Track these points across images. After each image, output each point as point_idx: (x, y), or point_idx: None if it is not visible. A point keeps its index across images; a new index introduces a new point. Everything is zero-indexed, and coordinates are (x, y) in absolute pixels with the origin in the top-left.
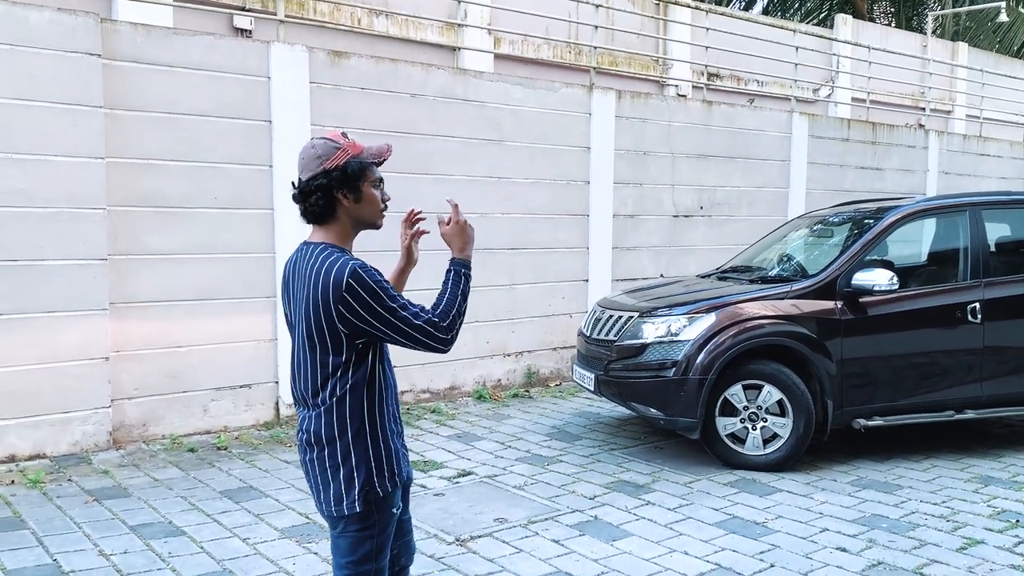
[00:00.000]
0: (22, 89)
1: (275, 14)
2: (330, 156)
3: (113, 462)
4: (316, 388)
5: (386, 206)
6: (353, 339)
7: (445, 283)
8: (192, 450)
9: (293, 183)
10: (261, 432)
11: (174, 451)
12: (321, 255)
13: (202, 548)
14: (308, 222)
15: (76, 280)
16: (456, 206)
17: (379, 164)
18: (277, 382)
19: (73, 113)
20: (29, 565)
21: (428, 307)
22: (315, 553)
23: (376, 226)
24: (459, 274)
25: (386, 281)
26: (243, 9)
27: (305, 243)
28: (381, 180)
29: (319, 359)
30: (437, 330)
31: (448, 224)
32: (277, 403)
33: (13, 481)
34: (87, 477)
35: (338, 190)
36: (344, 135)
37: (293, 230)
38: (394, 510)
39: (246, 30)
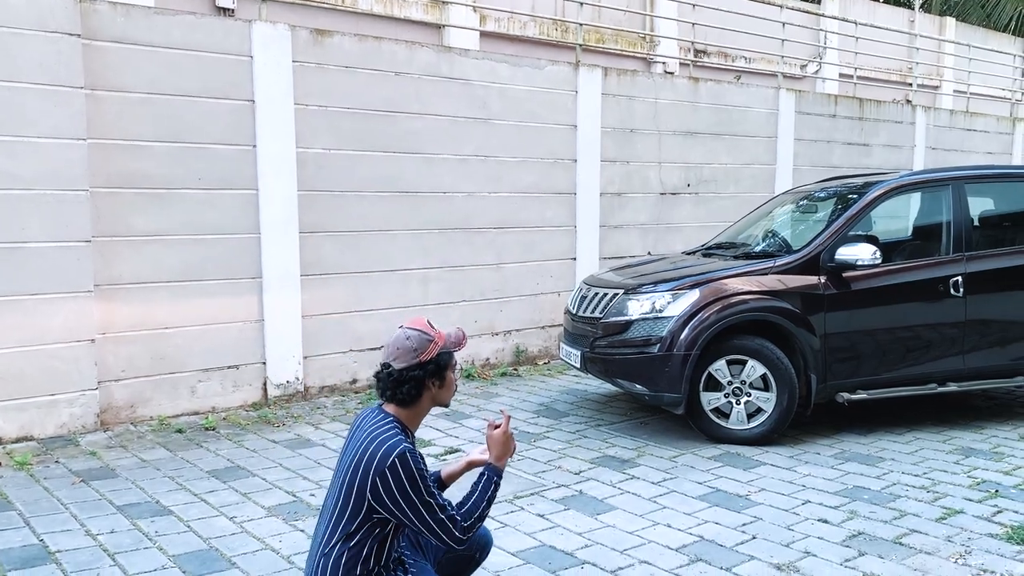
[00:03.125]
0: (2, 70)
1: None
2: (424, 349)
3: (100, 443)
4: (329, 541)
5: (457, 388)
6: (373, 512)
7: (476, 485)
8: (180, 431)
9: (384, 367)
10: (249, 412)
11: (162, 432)
12: (385, 425)
13: (189, 527)
14: (390, 403)
15: (60, 262)
16: (508, 417)
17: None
18: (264, 363)
19: (54, 94)
20: (15, 546)
21: (453, 503)
22: (301, 531)
23: (447, 406)
24: (491, 481)
25: (427, 471)
26: None
27: (381, 409)
28: (457, 364)
29: (338, 516)
30: (456, 528)
31: (496, 429)
32: (265, 384)
33: (0, 463)
34: (74, 459)
35: (429, 378)
36: (430, 324)
37: (278, 210)
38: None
39: (228, 9)
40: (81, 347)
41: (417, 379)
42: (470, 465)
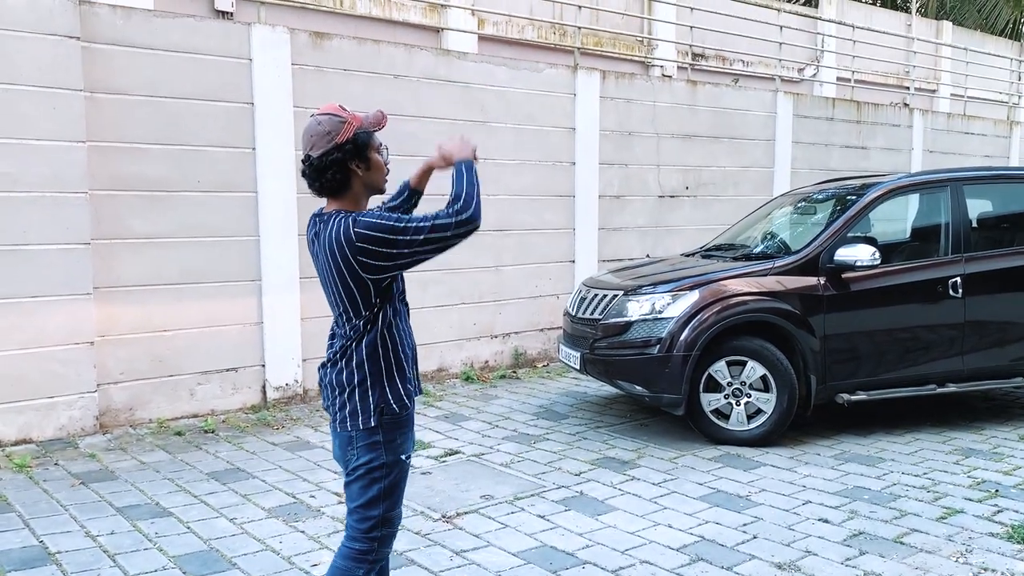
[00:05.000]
0: (1, 73)
1: None
2: (339, 131)
3: (100, 446)
4: (349, 336)
5: (388, 169)
6: (378, 287)
7: (453, 179)
8: (179, 433)
9: (304, 160)
10: (248, 415)
11: (161, 435)
12: (334, 220)
13: (189, 528)
14: (323, 196)
15: (60, 264)
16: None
17: (378, 131)
18: (263, 365)
19: (53, 96)
20: (15, 547)
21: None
22: (301, 532)
23: (382, 190)
24: (464, 166)
25: (383, 210)
26: None
27: (321, 212)
28: (383, 145)
29: (348, 316)
30: (450, 217)
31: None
32: (264, 386)
33: None
34: (73, 461)
35: (351, 161)
36: (343, 107)
37: (277, 213)
38: (403, 457)
39: (227, 12)
40: (80, 349)
41: (338, 162)
42: (429, 166)
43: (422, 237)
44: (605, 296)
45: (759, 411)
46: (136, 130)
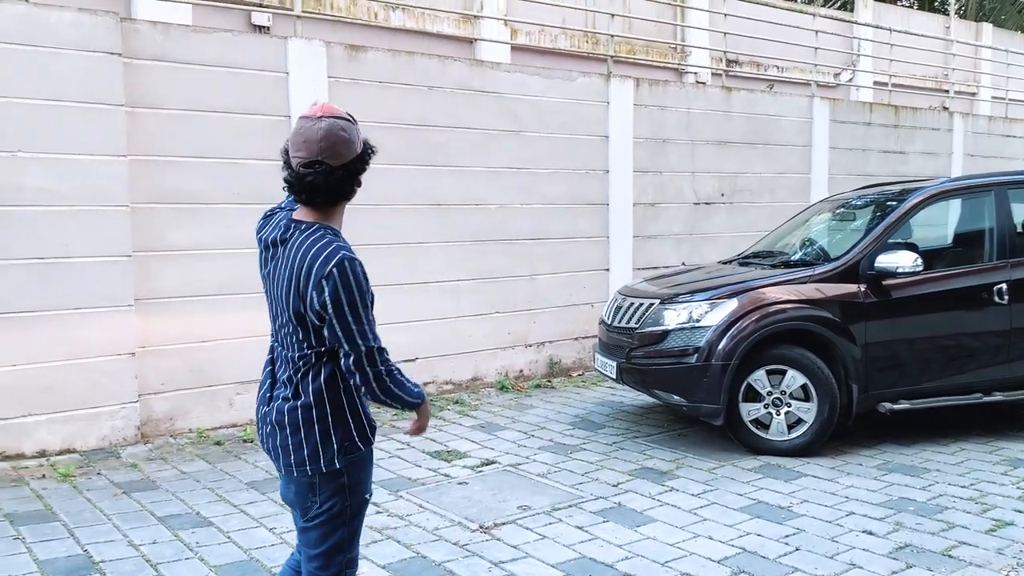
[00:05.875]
0: (45, 89)
1: (292, 10)
2: (359, 139)
3: (141, 456)
4: (298, 366)
5: None
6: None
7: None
8: (219, 443)
9: (313, 165)
10: None
11: (201, 444)
12: (320, 235)
13: (229, 538)
14: (321, 207)
15: (102, 277)
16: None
17: None
18: None
19: (95, 112)
20: (60, 556)
21: None
22: None
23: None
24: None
25: (371, 290)
26: (260, 6)
27: (296, 222)
28: None
29: (299, 339)
30: (381, 365)
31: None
32: None
33: (44, 475)
34: (116, 471)
35: (362, 173)
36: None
37: None
38: (367, 496)
39: (264, 26)
40: (122, 360)
41: (358, 173)
42: None
43: (366, 334)
44: (641, 305)
45: (800, 421)
46: (175, 144)
